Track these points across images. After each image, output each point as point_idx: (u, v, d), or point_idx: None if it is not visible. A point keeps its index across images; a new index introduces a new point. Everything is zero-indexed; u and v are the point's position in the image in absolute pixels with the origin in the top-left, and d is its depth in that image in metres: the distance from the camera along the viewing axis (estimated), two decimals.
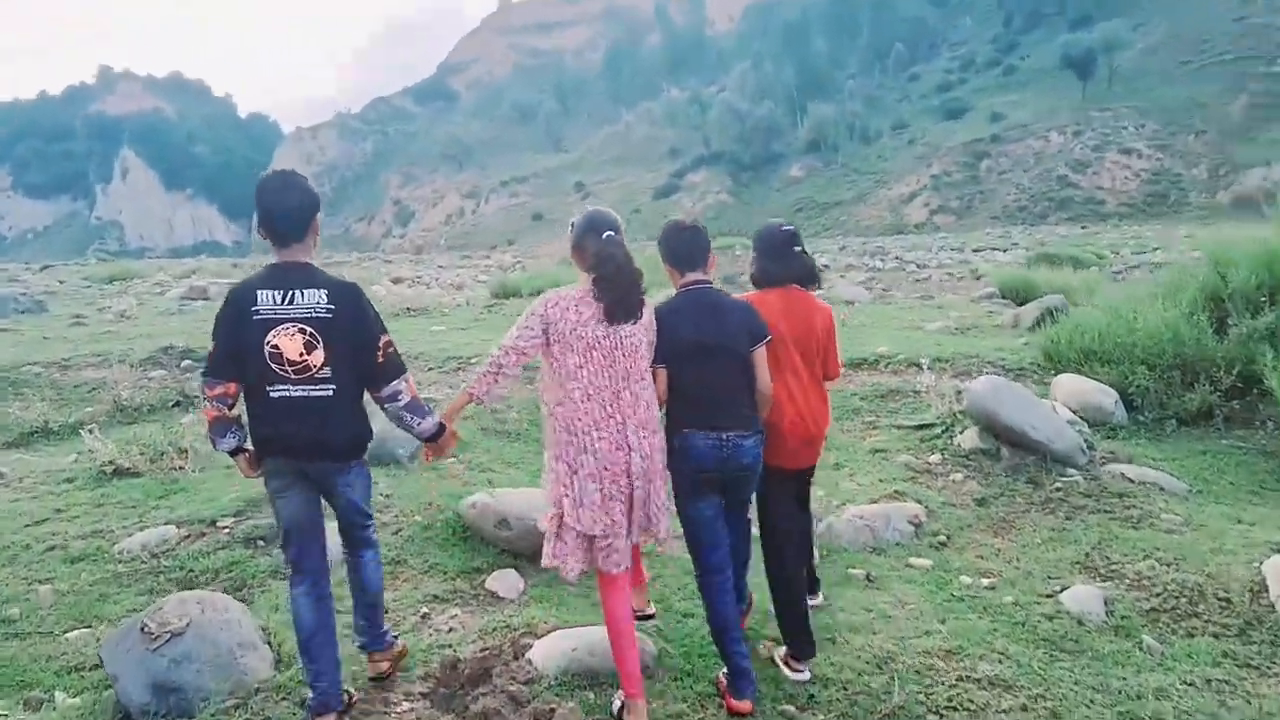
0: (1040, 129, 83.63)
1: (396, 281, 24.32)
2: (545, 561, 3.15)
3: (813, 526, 4.13)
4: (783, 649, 3.49)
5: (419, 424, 3.08)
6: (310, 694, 2.99)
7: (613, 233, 3.11)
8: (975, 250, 41.93)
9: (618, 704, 3.12)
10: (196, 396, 7.42)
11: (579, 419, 3.02)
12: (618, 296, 3.04)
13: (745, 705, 3.15)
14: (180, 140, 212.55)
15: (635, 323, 3.09)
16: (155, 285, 24.96)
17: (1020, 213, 74.00)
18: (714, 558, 3.20)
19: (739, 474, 3.18)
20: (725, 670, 3.26)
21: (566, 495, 3.03)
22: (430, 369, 8.94)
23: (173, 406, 7.84)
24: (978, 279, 28.91)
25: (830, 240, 64.26)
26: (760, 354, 3.23)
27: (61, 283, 27.36)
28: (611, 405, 3.02)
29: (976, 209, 78.30)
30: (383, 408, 3.05)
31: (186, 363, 9.45)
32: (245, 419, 2.98)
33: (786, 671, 3.41)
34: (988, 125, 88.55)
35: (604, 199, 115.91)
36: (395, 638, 3.38)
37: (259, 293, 2.85)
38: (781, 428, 3.36)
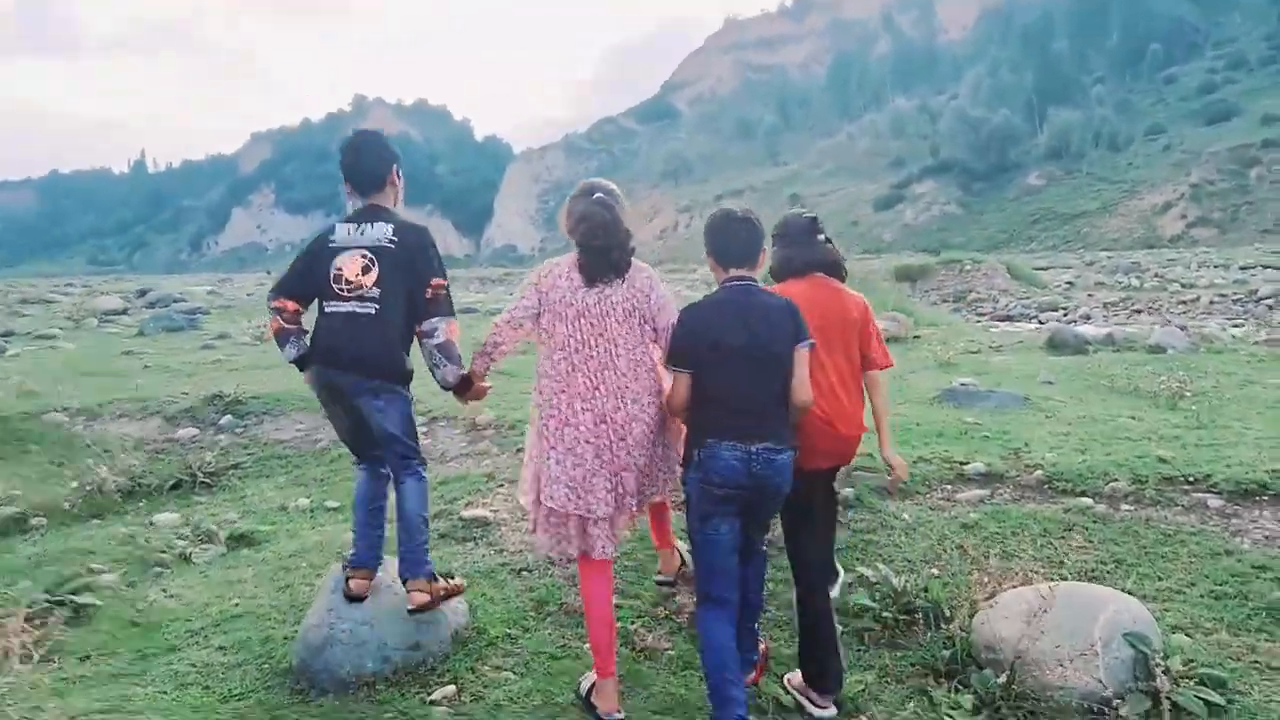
0: None
1: None
2: (535, 545, 3.24)
3: (836, 517, 3.82)
4: (797, 674, 3.15)
5: (444, 368, 3.09)
6: (349, 554, 3.33)
7: (604, 195, 3.02)
8: (1243, 267, 39.02)
9: (587, 684, 3.06)
10: (210, 474, 6.34)
11: (563, 391, 2.93)
12: (595, 252, 2.93)
13: None
14: (423, 161, 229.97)
15: (625, 285, 2.96)
16: None
17: None
18: (718, 587, 2.88)
19: (766, 494, 2.86)
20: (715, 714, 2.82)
21: (543, 471, 2.96)
22: None
23: (171, 489, 6.15)
24: (1258, 300, 27.69)
25: (1073, 254, 62.09)
26: (802, 357, 2.91)
27: (249, 295, 27.05)
28: (599, 375, 2.91)
29: (1243, 221, 72.21)
30: (420, 343, 3.12)
31: (227, 418, 7.67)
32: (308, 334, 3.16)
33: (809, 707, 3.06)
34: (1259, 129, 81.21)
35: (820, 210, 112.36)
36: (442, 575, 3.33)
37: (339, 226, 3.18)
38: (806, 427, 3.01)
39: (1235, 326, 24.14)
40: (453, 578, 3.41)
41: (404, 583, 3.18)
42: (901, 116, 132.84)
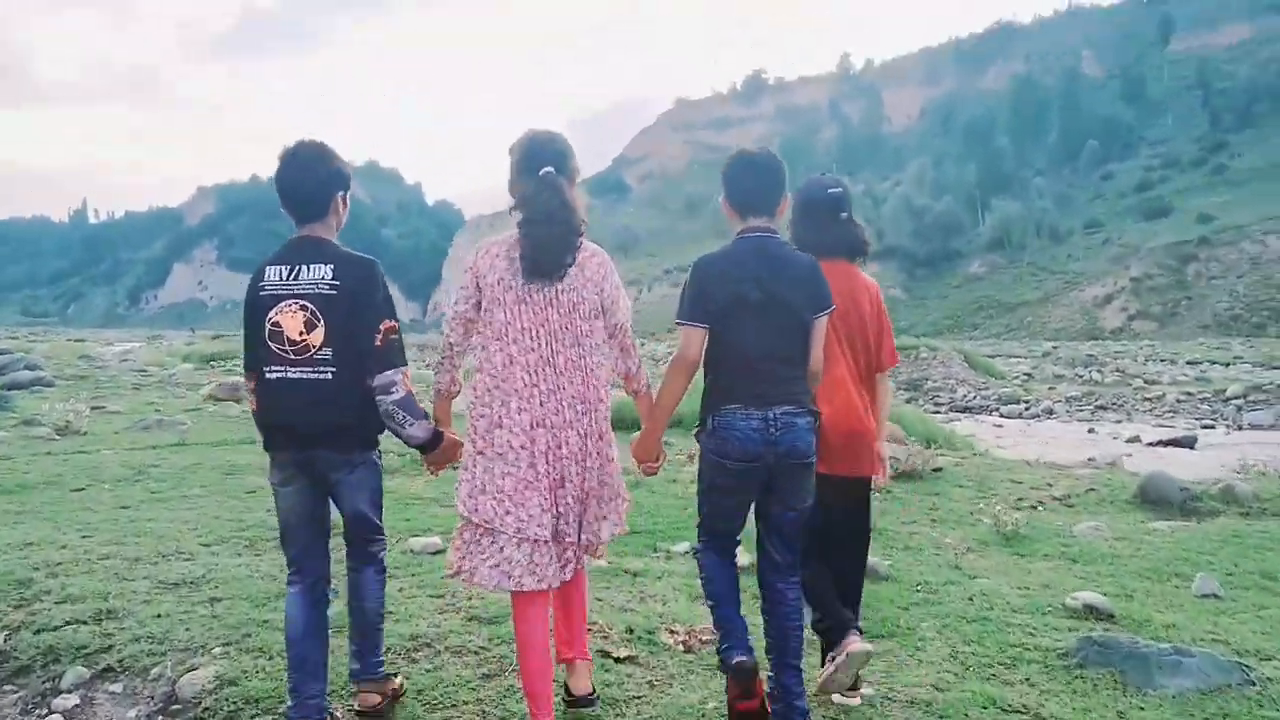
0: (1256, 232, 77.83)
1: None
2: (446, 570, 2.66)
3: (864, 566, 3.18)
4: (828, 668, 2.83)
5: (409, 425, 2.62)
6: (289, 703, 2.64)
7: (552, 170, 2.59)
8: (1190, 362, 39.05)
9: None
10: None
11: (497, 386, 2.55)
12: (537, 248, 2.53)
13: (755, 702, 2.58)
14: (371, 223, 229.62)
15: (574, 272, 2.57)
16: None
17: (1234, 322, 68.73)
18: (723, 526, 2.71)
19: (790, 462, 2.56)
20: (720, 645, 2.68)
21: (465, 480, 2.57)
22: None
23: None
24: (1226, 400, 26.88)
25: (1018, 343, 61.83)
26: (821, 324, 2.68)
27: (124, 361, 22.63)
28: (539, 372, 2.53)
29: (1183, 316, 73.37)
30: (376, 400, 2.62)
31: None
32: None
33: (842, 699, 2.82)
34: (1195, 227, 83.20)
35: None
36: (389, 675, 2.91)
37: (267, 268, 2.67)
38: (820, 423, 2.69)
39: (1206, 429, 23.06)
40: (395, 675, 2.95)
41: (355, 683, 2.81)
42: None
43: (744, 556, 2.91)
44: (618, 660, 3.17)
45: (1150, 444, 19.04)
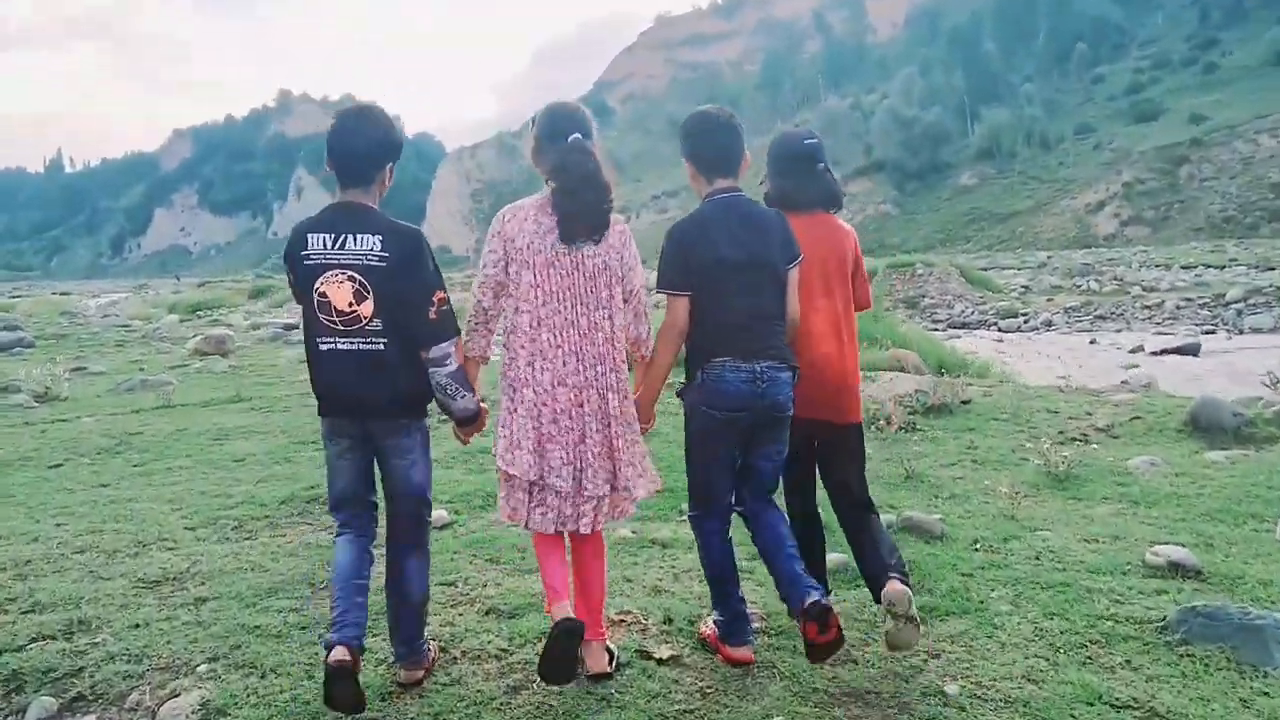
0: (1248, 131, 76.68)
1: None
2: (502, 519, 2.75)
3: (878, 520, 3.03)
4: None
5: (460, 398, 2.65)
6: (334, 627, 2.55)
7: (579, 136, 2.65)
8: (1184, 267, 38.55)
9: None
10: None
11: (523, 347, 2.62)
12: (577, 210, 2.59)
13: (746, 653, 2.74)
14: None
15: (599, 242, 2.64)
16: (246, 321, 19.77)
17: (1227, 224, 68.16)
18: (717, 492, 2.78)
19: (773, 414, 2.69)
20: (716, 617, 2.82)
21: (503, 435, 2.64)
22: None
23: None
24: (1225, 305, 26.47)
25: (1011, 254, 61.17)
26: (794, 276, 2.79)
27: (105, 317, 21.88)
28: (563, 333, 2.61)
29: (1175, 220, 72.72)
30: (429, 371, 2.63)
31: None
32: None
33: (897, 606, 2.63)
34: (1187, 128, 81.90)
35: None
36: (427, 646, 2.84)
37: (309, 236, 2.59)
38: (803, 371, 2.79)
39: (1207, 334, 22.79)
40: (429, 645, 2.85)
41: (399, 662, 2.76)
42: (834, 115, 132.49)
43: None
44: (660, 662, 2.78)
45: (1154, 353, 18.79)
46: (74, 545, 4.11)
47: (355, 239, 2.57)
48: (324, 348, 2.59)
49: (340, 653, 2.42)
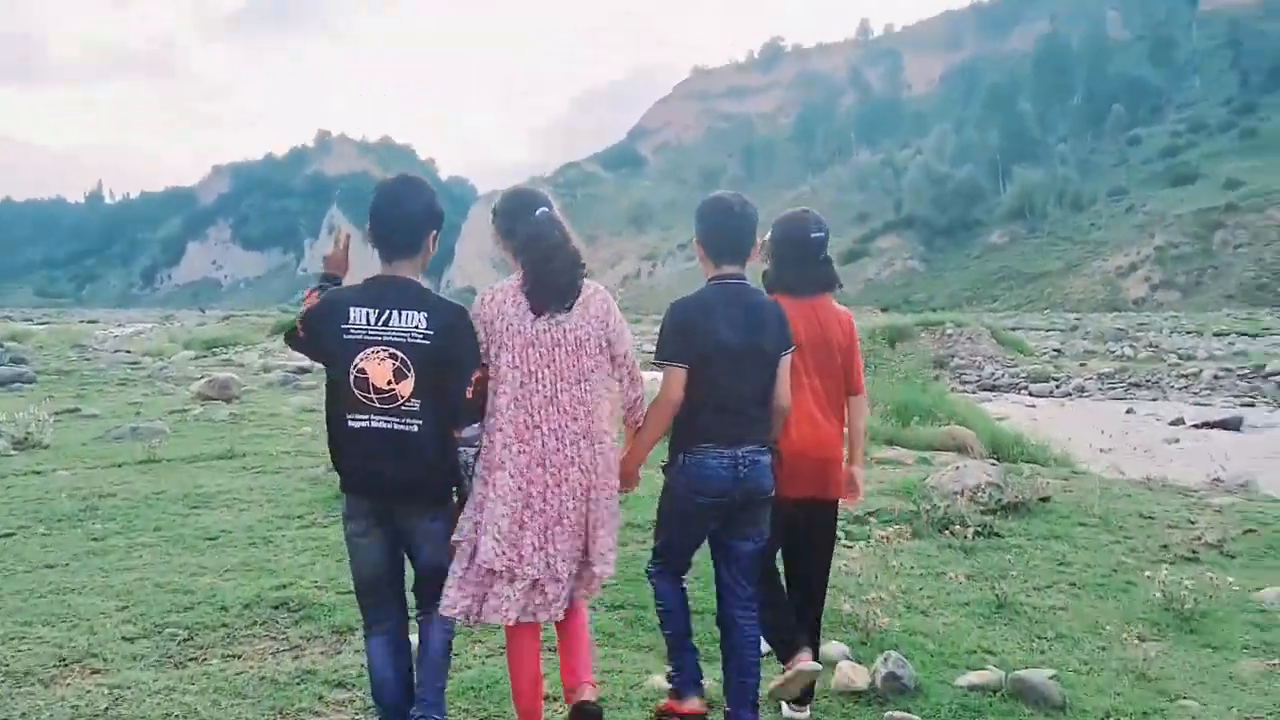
0: None
1: None
2: (446, 609, 2.60)
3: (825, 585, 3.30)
4: (778, 680, 2.97)
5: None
6: None
7: (546, 209, 2.71)
8: (1217, 334, 37.38)
9: None
10: None
11: (500, 429, 2.59)
12: (540, 280, 2.60)
13: (695, 704, 2.88)
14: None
15: (579, 310, 2.64)
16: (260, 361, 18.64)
17: (1260, 291, 66.70)
18: (676, 557, 2.93)
19: (754, 497, 2.79)
20: (671, 671, 2.97)
21: (471, 519, 2.59)
22: None
23: None
24: (1266, 377, 25.24)
25: (1039, 314, 59.91)
26: (785, 363, 2.89)
27: (161, 362, 18.98)
28: (541, 413, 2.59)
29: (1207, 286, 71.37)
30: (456, 450, 2.64)
31: None
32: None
33: (788, 711, 3.03)
34: (1222, 193, 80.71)
35: None
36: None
37: (351, 309, 2.52)
38: (786, 448, 2.93)
39: (1245, 406, 21.65)
40: None
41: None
42: (865, 170, 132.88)
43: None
44: None
45: (1195, 425, 17.75)
46: None
47: (400, 315, 2.50)
48: (356, 425, 2.51)
49: None
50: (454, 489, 2.68)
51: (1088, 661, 3.53)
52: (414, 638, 2.74)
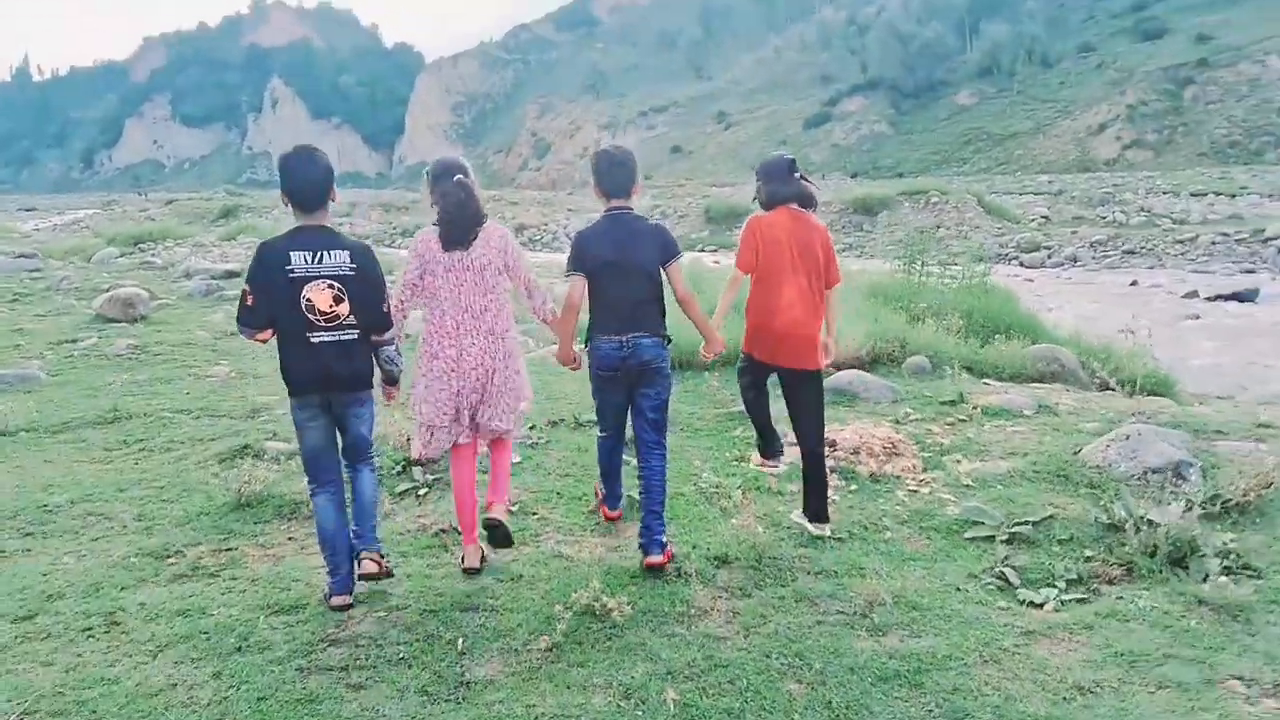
0: (1256, 52, 73.81)
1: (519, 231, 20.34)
2: (413, 455, 4.58)
3: (824, 453, 4.25)
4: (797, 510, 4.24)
5: (396, 367, 3.67)
6: (330, 580, 3.55)
7: (462, 176, 3.65)
8: (1194, 194, 36.46)
9: (459, 555, 3.91)
10: None
11: (434, 332, 3.66)
12: (447, 227, 3.63)
13: (614, 514, 4.34)
14: (328, 70, 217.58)
15: (480, 245, 3.65)
16: (182, 264, 15.78)
17: (1232, 149, 66.08)
18: (610, 421, 3.99)
19: (640, 367, 3.74)
20: (602, 490, 4.34)
21: (415, 392, 3.74)
22: None
23: None
24: (1265, 241, 24.18)
25: (1010, 178, 58.49)
26: (675, 268, 3.81)
27: (81, 264, 16.68)
28: (459, 317, 3.63)
29: (1178, 144, 70.43)
30: (377, 351, 3.60)
31: None
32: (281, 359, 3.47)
33: (810, 528, 4.12)
34: (1193, 48, 78.90)
35: (748, 129, 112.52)
36: (385, 555, 3.73)
37: (291, 254, 3.34)
38: (774, 326, 3.99)
39: (1246, 273, 20.86)
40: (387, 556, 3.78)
41: (357, 554, 3.59)
42: (829, 29, 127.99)
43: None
44: None
45: (1210, 299, 16.92)
46: None
47: (330, 254, 3.40)
48: (317, 340, 3.38)
49: (343, 600, 3.49)
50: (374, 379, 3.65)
51: None
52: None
